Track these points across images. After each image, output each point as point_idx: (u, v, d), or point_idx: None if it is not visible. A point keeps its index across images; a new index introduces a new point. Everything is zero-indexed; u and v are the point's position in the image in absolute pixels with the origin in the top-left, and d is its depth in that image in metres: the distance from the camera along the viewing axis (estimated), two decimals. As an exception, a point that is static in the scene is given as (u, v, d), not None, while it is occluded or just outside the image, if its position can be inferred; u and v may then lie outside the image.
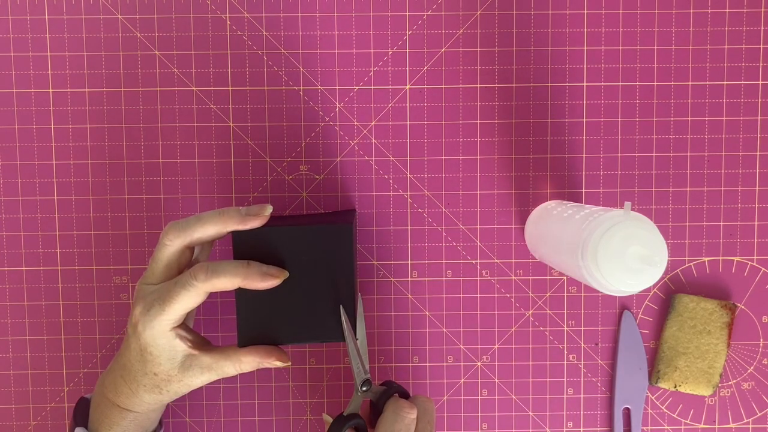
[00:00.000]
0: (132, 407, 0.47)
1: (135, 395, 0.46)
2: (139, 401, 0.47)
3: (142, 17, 0.54)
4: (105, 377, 0.48)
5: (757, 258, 0.55)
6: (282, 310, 0.46)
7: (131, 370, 0.46)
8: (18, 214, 0.55)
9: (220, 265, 0.44)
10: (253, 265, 0.45)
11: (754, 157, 0.55)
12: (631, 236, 0.40)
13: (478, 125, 0.55)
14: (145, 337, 0.44)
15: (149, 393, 0.46)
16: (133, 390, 0.46)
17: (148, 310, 0.44)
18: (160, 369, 0.45)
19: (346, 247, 0.46)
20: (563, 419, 0.56)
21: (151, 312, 0.44)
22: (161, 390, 0.46)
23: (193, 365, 0.46)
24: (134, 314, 0.45)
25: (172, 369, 0.45)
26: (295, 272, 0.46)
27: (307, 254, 0.46)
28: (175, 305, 0.44)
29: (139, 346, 0.45)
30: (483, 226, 0.55)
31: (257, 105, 0.54)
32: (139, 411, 0.47)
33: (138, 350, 0.45)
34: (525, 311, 0.56)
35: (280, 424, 0.56)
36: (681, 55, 0.55)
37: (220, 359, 0.46)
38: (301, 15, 0.54)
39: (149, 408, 0.48)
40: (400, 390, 0.49)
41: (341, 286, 0.46)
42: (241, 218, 0.45)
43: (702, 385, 0.55)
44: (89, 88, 0.54)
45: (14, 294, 0.55)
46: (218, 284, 0.44)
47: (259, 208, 0.45)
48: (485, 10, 0.54)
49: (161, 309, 0.44)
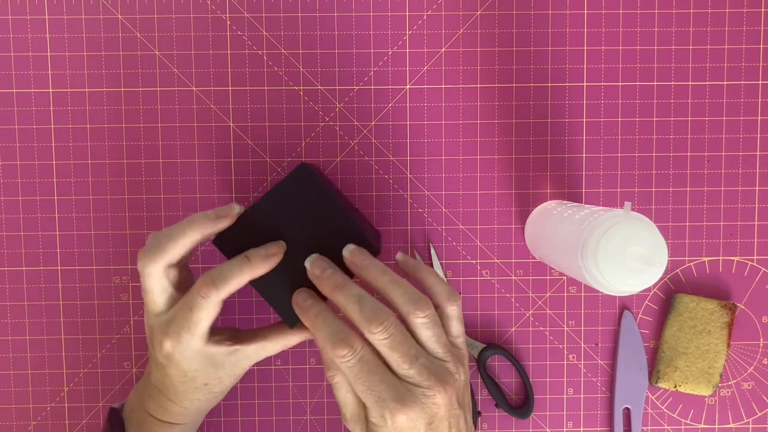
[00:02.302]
0: (181, 421, 0.47)
1: (187, 410, 0.47)
2: (190, 413, 0.47)
3: (142, 17, 0.54)
4: (144, 396, 0.48)
5: (757, 258, 0.55)
6: (299, 277, 0.45)
7: (177, 391, 0.46)
8: (18, 214, 0.55)
9: (222, 271, 0.43)
10: (251, 255, 0.44)
11: (754, 157, 0.55)
12: (631, 236, 0.40)
13: (478, 125, 0.55)
14: (185, 363, 0.44)
15: (204, 403, 0.47)
16: (186, 407, 0.47)
17: (179, 340, 0.44)
18: (209, 378, 0.45)
19: (314, 185, 0.45)
20: (563, 419, 0.56)
21: (183, 340, 0.44)
22: (215, 394, 0.47)
23: (240, 358, 0.46)
24: (165, 347, 0.44)
25: (220, 372, 0.46)
26: (291, 239, 0.45)
27: (289, 217, 0.45)
28: (201, 324, 0.43)
29: (179, 372, 0.45)
30: (483, 226, 0.55)
31: (257, 105, 0.54)
32: (189, 422, 0.48)
33: (179, 375, 0.45)
34: (525, 311, 0.56)
35: (280, 424, 0.56)
36: (681, 55, 0.55)
37: (266, 344, 0.46)
38: (301, 15, 0.54)
39: (200, 415, 0.48)
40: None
41: (340, 227, 0.45)
42: (211, 221, 0.44)
43: (702, 385, 0.55)
44: (89, 88, 0.54)
45: (14, 294, 0.55)
46: (228, 289, 0.43)
47: (227, 209, 0.45)
48: (485, 10, 0.54)
49: (191, 334, 0.43)
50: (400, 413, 0.40)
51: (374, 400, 0.40)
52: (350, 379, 0.41)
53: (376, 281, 0.43)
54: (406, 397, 0.40)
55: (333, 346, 0.40)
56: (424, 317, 0.42)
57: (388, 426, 0.40)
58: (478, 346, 0.55)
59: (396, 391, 0.40)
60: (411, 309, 0.42)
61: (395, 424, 0.40)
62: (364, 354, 0.40)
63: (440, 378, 0.41)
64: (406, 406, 0.40)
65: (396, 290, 0.42)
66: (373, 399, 0.40)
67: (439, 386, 0.41)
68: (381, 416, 0.40)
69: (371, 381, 0.40)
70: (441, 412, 0.41)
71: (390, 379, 0.41)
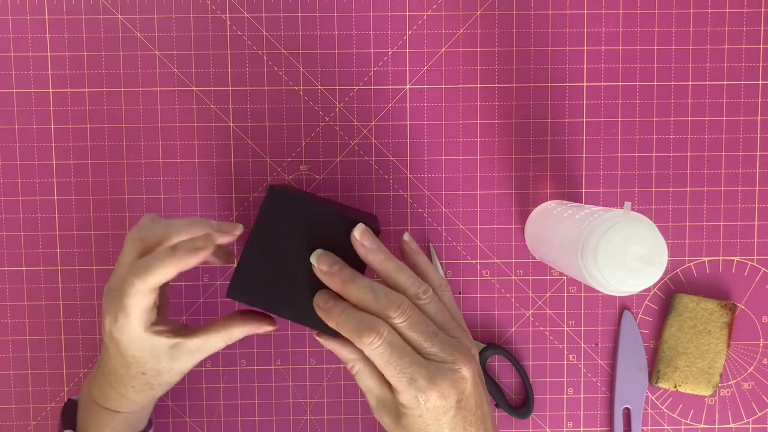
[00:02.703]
0: (121, 408, 0.47)
1: (124, 397, 0.46)
2: (129, 402, 0.47)
3: (142, 17, 0.54)
4: (91, 382, 0.48)
5: (757, 258, 0.55)
6: (284, 281, 0.44)
7: (116, 375, 0.46)
8: (18, 214, 0.55)
9: (145, 263, 0.43)
10: (178, 247, 0.43)
11: (754, 157, 0.55)
12: (631, 236, 0.40)
13: (478, 125, 0.55)
14: (124, 343, 0.44)
15: (139, 393, 0.46)
16: (122, 393, 0.46)
17: (115, 320, 0.43)
18: (147, 368, 0.45)
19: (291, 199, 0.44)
20: (563, 419, 0.56)
21: (119, 321, 0.43)
22: (152, 386, 0.46)
23: (181, 353, 0.45)
24: (105, 324, 0.44)
25: (159, 364, 0.45)
26: (298, 257, 0.44)
27: (286, 239, 0.44)
28: (132, 310, 0.43)
29: (119, 353, 0.44)
30: (483, 226, 0.55)
31: (257, 105, 0.54)
32: (129, 411, 0.47)
33: (119, 356, 0.45)
34: (525, 311, 0.56)
35: (280, 424, 0.56)
36: (681, 55, 0.55)
37: (209, 337, 0.46)
38: (301, 15, 0.54)
39: (139, 406, 0.47)
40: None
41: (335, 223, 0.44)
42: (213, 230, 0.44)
43: (702, 385, 0.55)
44: (89, 88, 0.54)
45: (14, 294, 0.55)
46: (153, 281, 0.42)
47: (232, 227, 0.45)
48: (485, 10, 0.54)
49: (126, 318, 0.43)
50: (433, 391, 0.40)
51: (406, 382, 0.40)
52: (381, 366, 0.41)
53: (381, 265, 0.43)
54: (436, 374, 0.41)
55: (360, 335, 0.41)
56: (427, 298, 0.43)
57: (422, 407, 0.41)
58: (478, 346, 0.55)
59: (427, 370, 0.41)
60: (418, 292, 0.43)
61: (428, 404, 0.41)
62: (391, 338, 0.41)
63: (461, 351, 0.42)
64: (437, 384, 0.41)
65: (402, 275, 0.43)
66: (405, 381, 0.40)
67: (463, 359, 0.42)
68: (414, 398, 0.41)
69: (402, 364, 0.40)
70: (468, 388, 0.42)
71: (419, 360, 0.41)
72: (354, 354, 0.44)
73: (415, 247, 0.46)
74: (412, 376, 0.40)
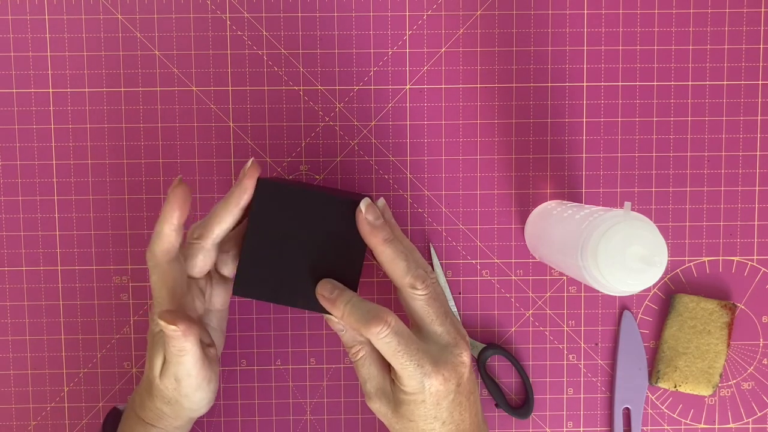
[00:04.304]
0: (155, 422, 0.47)
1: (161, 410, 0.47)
2: (160, 413, 0.47)
3: (142, 17, 0.54)
4: (135, 392, 0.49)
5: (757, 258, 0.55)
6: (287, 271, 0.45)
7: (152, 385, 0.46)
8: (18, 214, 0.55)
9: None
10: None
11: (754, 157, 0.55)
12: (631, 236, 0.40)
13: (478, 125, 0.55)
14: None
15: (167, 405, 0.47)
16: (158, 406, 0.47)
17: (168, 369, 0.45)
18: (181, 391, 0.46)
19: (282, 189, 0.45)
20: (563, 419, 0.56)
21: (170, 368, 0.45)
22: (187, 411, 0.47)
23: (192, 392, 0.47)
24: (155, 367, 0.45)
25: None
26: (305, 237, 0.45)
27: (323, 223, 0.45)
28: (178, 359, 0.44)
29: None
30: (483, 226, 0.55)
31: (257, 105, 0.54)
32: (162, 427, 0.48)
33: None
34: (525, 311, 0.56)
35: (280, 424, 0.56)
36: (681, 55, 0.55)
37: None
38: (301, 15, 0.54)
39: (172, 424, 0.48)
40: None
41: (346, 263, 0.45)
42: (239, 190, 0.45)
43: (702, 385, 0.55)
44: (89, 88, 0.54)
45: (14, 294, 0.55)
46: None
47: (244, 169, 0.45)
48: (485, 10, 0.54)
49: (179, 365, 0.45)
50: (438, 375, 0.41)
51: (413, 368, 0.41)
52: (389, 354, 0.41)
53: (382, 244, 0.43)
54: (439, 359, 0.42)
55: (367, 324, 0.41)
56: (433, 278, 0.44)
57: (425, 392, 0.41)
58: (478, 346, 0.55)
59: (431, 355, 0.42)
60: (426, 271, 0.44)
61: (432, 388, 0.41)
62: (398, 327, 0.41)
63: (462, 335, 0.43)
64: (440, 367, 0.41)
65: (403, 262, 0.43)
66: (412, 367, 0.41)
67: (463, 343, 0.43)
68: (420, 383, 0.41)
69: (410, 351, 0.41)
70: (466, 373, 0.43)
71: (424, 346, 0.42)
72: (361, 337, 0.44)
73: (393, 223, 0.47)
74: (419, 362, 0.41)
